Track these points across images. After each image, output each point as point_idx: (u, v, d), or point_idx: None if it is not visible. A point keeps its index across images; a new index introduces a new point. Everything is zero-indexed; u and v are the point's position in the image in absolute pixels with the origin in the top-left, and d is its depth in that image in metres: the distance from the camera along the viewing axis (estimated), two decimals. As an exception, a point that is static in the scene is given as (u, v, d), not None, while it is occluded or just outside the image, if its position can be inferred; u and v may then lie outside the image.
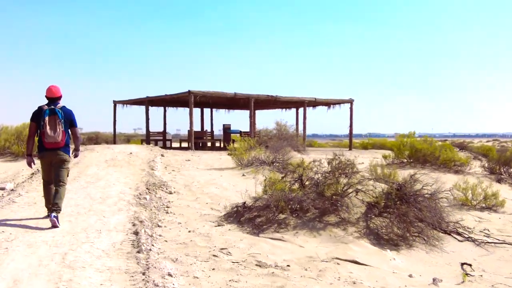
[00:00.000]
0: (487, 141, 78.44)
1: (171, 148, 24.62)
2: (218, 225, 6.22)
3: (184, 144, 27.05)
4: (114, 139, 27.51)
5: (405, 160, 14.01)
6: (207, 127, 28.65)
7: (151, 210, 6.88)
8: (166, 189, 8.63)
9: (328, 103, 24.19)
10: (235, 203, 7.17)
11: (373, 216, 6.02)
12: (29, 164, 6.10)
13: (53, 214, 5.63)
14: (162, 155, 13.94)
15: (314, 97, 22.91)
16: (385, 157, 14.11)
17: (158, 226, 6.06)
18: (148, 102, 23.41)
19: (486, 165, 14.18)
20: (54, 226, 5.58)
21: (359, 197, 6.43)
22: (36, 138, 6.01)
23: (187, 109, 28.15)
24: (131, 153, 13.30)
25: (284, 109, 28.09)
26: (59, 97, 6.04)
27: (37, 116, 5.88)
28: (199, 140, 22.59)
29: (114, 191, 8.00)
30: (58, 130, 5.77)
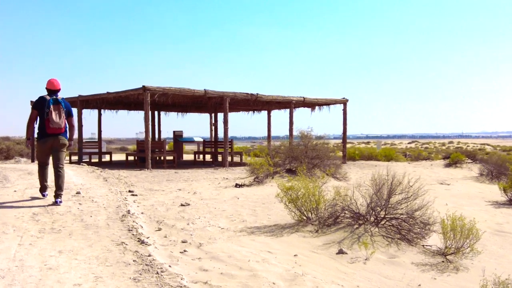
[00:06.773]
0: (408, 143, 78.33)
1: (110, 163, 18.45)
2: None
3: (125, 157, 20.87)
4: (32, 151, 20.55)
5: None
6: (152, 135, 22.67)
7: None
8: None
9: (318, 104, 19.43)
10: None
11: None
12: (28, 146, 6.96)
13: (58, 199, 6.37)
14: (132, 193, 8.14)
15: (303, 97, 18.09)
16: (505, 189, 9.21)
17: None
18: (81, 102, 17.10)
19: None
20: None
21: None
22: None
23: (113, 112, 21.90)
24: (78, 192, 7.40)
25: (252, 112, 22.93)
26: (59, 90, 6.68)
27: (41, 104, 6.42)
28: (154, 154, 16.62)
29: None
30: (62, 117, 6.42)
